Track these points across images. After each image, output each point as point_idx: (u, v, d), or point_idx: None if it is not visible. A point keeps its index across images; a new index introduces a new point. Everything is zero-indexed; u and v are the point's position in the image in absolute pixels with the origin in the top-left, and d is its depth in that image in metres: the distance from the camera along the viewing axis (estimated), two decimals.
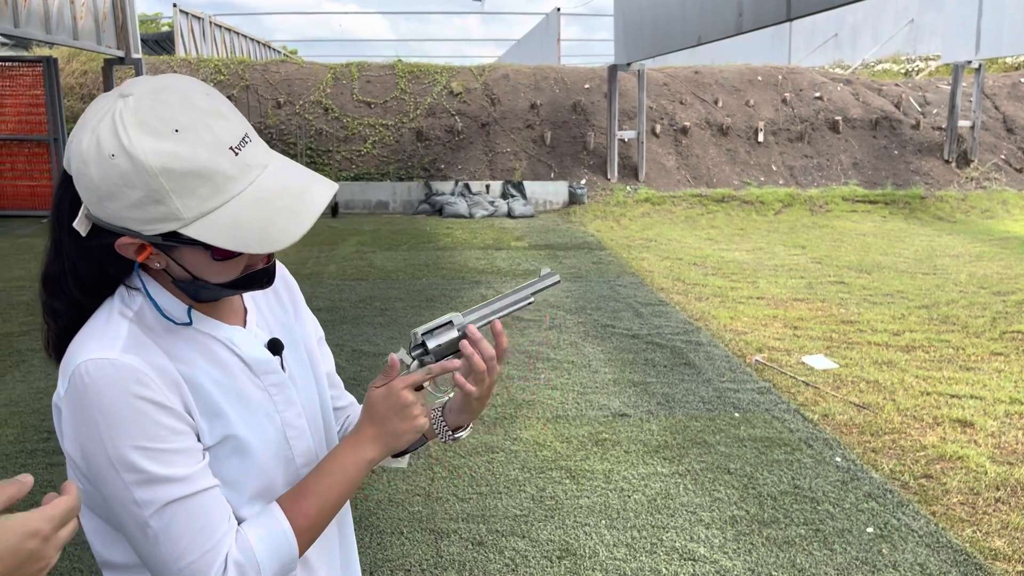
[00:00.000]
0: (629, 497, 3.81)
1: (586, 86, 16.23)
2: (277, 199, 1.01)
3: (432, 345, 1.23)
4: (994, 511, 3.70)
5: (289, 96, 15.56)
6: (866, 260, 10.03)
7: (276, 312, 1.26)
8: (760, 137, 15.65)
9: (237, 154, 0.99)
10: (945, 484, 3.96)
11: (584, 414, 4.84)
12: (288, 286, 1.31)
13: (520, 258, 10.10)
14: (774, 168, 15.34)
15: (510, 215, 14.07)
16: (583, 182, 14.80)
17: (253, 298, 1.23)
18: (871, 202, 14.44)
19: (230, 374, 1.11)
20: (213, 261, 1.04)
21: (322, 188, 1.05)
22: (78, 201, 1.01)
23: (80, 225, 1.01)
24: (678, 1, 10.89)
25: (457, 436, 1.31)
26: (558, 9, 22.87)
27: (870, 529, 3.52)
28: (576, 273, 9.11)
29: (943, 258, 10.16)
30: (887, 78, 18.20)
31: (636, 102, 14.90)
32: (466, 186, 14.59)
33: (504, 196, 14.52)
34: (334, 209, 14.16)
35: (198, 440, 1.06)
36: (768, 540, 3.42)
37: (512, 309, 1.28)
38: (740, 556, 3.31)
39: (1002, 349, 6.14)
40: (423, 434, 1.21)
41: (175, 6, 19.36)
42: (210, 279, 1.06)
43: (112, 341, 1.02)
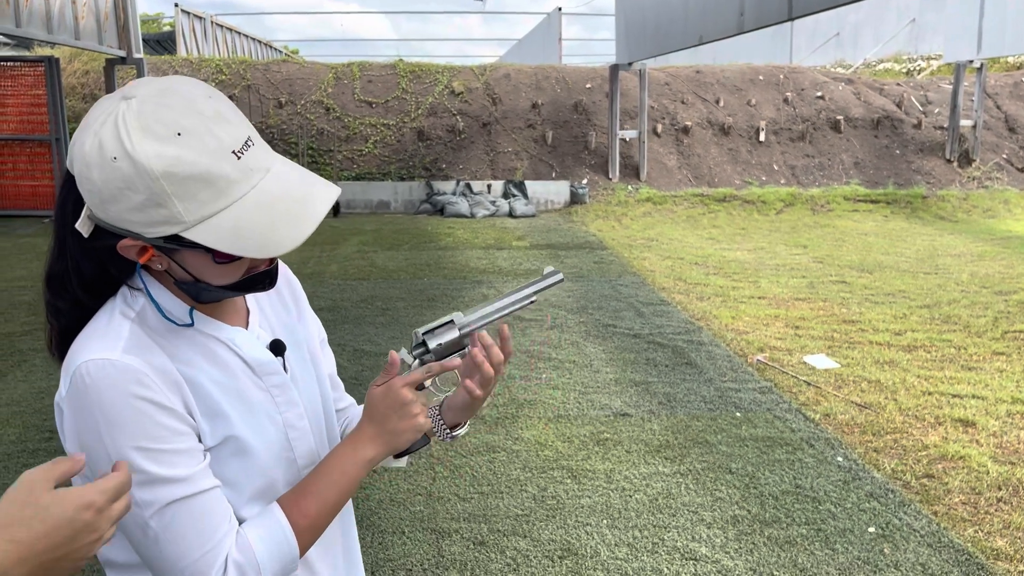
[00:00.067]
0: (631, 497, 3.81)
1: (587, 86, 16.23)
2: (279, 204, 1.01)
3: (433, 344, 1.22)
4: (996, 511, 3.69)
5: (290, 96, 15.56)
6: (868, 260, 10.02)
7: (279, 313, 1.26)
8: (762, 136, 15.64)
9: (240, 158, 0.99)
10: (947, 484, 3.95)
11: (585, 414, 4.84)
12: (291, 287, 1.31)
13: (521, 258, 10.11)
14: (775, 167, 15.33)
15: (511, 215, 14.07)
16: (584, 182, 14.80)
17: (256, 299, 1.23)
18: (873, 201, 14.43)
19: (232, 375, 1.12)
20: (215, 264, 1.04)
21: (324, 193, 1.05)
22: (82, 201, 1.01)
23: (83, 226, 1.01)
24: (679, 1, 10.88)
25: (455, 434, 1.31)
26: (559, 9, 22.86)
27: (872, 529, 3.52)
28: (578, 273, 9.11)
29: (945, 258, 10.15)
30: (889, 77, 18.18)
31: (637, 101, 14.89)
32: (467, 186, 14.59)
33: (505, 196, 14.53)
34: (335, 209, 14.17)
35: (199, 441, 1.06)
36: (770, 540, 3.42)
37: (514, 308, 1.27)
38: (742, 556, 3.31)
39: (1004, 349, 6.13)
40: (425, 434, 1.20)
41: (176, 6, 19.37)
42: (212, 281, 1.06)
43: (113, 341, 1.02)
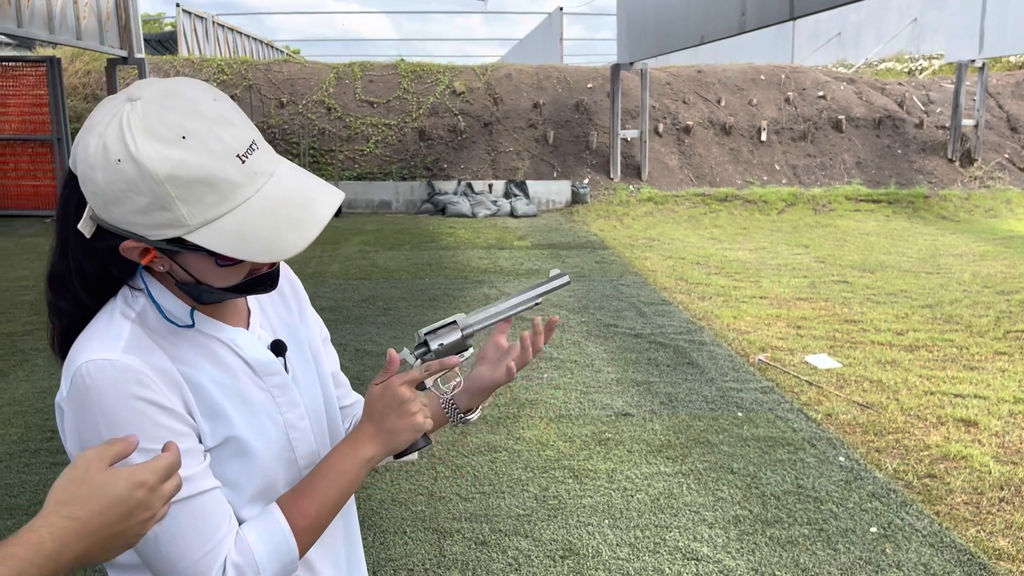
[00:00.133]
0: (632, 497, 3.81)
1: (589, 85, 16.23)
2: (283, 208, 1.01)
3: (435, 345, 1.22)
4: (998, 511, 3.69)
5: (292, 96, 15.57)
6: (869, 259, 10.01)
7: (280, 313, 1.26)
8: (763, 136, 15.63)
9: (244, 162, 0.99)
10: (949, 484, 3.95)
11: (587, 413, 4.84)
12: (293, 287, 1.31)
13: (523, 257, 10.10)
14: (777, 167, 15.33)
15: (513, 215, 14.07)
16: (586, 181, 14.80)
17: (257, 299, 1.23)
18: (874, 201, 14.42)
19: (232, 375, 1.11)
20: (217, 266, 1.04)
21: (328, 198, 1.05)
22: (84, 202, 1.01)
23: (85, 227, 1.01)
24: (681, 0, 10.88)
25: (468, 418, 1.32)
26: (561, 8, 22.85)
27: (874, 529, 3.51)
28: (579, 272, 9.11)
29: (947, 257, 10.14)
30: (890, 77, 18.17)
31: (639, 101, 14.89)
32: (469, 185, 14.59)
33: (507, 195, 14.52)
34: (337, 209, 14.17)
35: (199, 441, 1.06)
36: (771, 540, 3.42)
37: (518, 310, 1.27)
38: (743, 556, 3.30)
39: (1006, 348, 6.13)
40: (425, 434, 1.20)
41: (178, 6, 19.38)
42: (213, 283, 1.06)
43: (114, 342, 1.02)
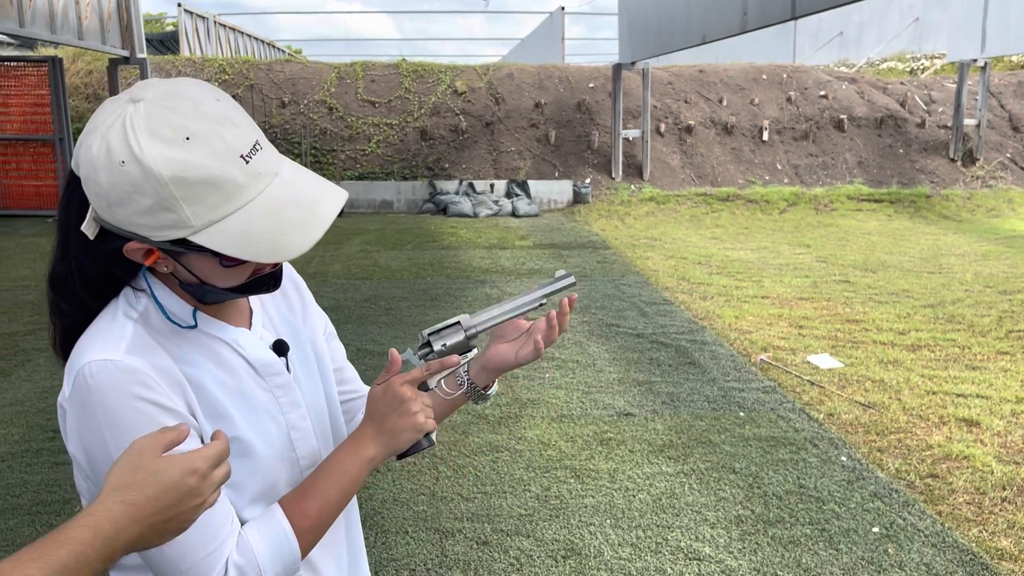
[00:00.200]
0: (634, 496, 3.81)
1: (590, 85, 16.22)
2: (288, 209, 1.01)
3: (438, 346, 1.23)
4: (1000, 511, 3.69)
5: (293, 95, 15.57)
6: (871, 259, 10.00)
7: (283, 313, 1.26)
8: (765, 136, 15.62)
9: (248, 162, 0.99)
10: (951, 484, 3.95)
11: (589, 413, 4.84)
12: (297, 286, 1.31)
13: (524, 257, 10.10)
14: (779, 167, 15.32)
15: (514, 214, 14.06)
16: (587, 181, 14.80)
17: (260, 299, 1.23)
18: (876, 201, 14.41)
19: (235, 376, 1.11)
20: (221, 267, 1.04)
21: (333, 198, 1.05)
22: (86, 203, 1.01)
23: (88, 228, 1.01)
24: (683, 0, 10.87)
25: (488, 393, 1.33)
26: (562, 8, 22.84)
27: (876, 529, 3.51)
28: (581, 272, 9.11)
29: (949, 257, 10.13)
30: (892, 76, 18.15)
31: (640, 101, 14.88)
32: (470, 185, 14.59)
33: (508, 195, 14.52)
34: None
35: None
36: (773, 540, 3.42)
37: (522, 311, 1.27)
38: (745, 556, 3.30)
39: (1008, 348, 6.12)
40: (427, 435, 1.20)
41: (180, 6, 19.38)
42: (217, 284, 1.06)
43: (116, 342, 1.02)
